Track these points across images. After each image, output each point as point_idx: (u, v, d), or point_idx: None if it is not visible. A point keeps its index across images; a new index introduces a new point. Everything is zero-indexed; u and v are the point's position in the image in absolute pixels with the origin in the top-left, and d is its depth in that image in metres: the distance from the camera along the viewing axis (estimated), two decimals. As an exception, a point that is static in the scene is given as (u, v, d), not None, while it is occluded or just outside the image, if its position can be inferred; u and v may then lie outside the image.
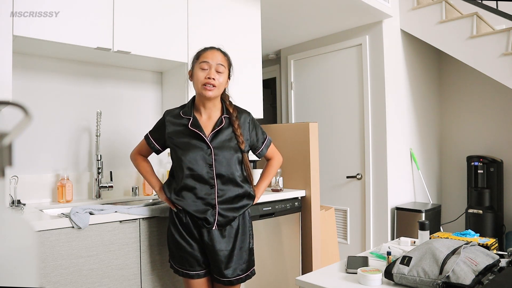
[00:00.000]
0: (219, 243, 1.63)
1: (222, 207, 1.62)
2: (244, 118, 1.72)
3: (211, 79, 1.60)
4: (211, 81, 1.60)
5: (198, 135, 1.63)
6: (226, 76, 1.67)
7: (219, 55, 1.65)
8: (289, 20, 3.28)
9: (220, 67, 1.63)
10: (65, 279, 1.58)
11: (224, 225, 1.64)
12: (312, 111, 3.78)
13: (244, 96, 2.45)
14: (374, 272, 1.27)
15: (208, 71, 1.61)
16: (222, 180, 1.63)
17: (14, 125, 0.45)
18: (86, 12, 1.92)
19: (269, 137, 1.84)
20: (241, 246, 1.67)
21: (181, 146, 1.64)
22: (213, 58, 1.63)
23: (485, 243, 1.56)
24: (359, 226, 3.42)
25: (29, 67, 2.09)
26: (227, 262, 1.63)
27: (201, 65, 1.63)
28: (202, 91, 1.61)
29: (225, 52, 1.70)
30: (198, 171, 1.60)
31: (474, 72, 3.23)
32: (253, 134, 1.75)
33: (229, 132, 1.67)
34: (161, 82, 2.62)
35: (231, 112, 1.69)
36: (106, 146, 2.32)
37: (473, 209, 3.28)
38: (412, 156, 3.51)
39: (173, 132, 1.67)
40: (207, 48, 1.68)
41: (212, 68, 1.62)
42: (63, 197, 2.06)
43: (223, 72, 1.64)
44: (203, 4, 2.41)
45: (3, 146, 0.43)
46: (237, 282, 1.66)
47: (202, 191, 1.61)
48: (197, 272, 1.67)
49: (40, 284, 0.41)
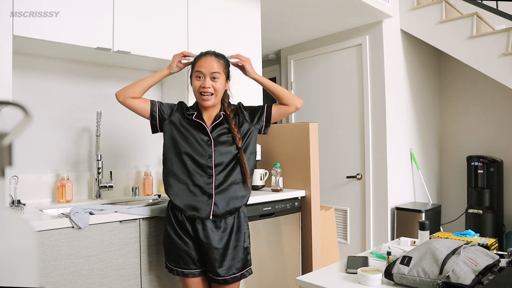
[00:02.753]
0: (214, 240, 1.64)
1: (219, 197, 1.65)
2: (242, 117, 1.76)
3: (206, 88, 1.64)
4: (206, 89, 1.64)
5: (201, 126, 1.69)
6: (223, 80, 1.69)
7: (212, 61, 1.66)
8: (289, 20, 3.28)
9: (215, 74, 1.65)
10: (65, 279, 1.58)
11: (220, 216, 1.65)
12: (312, 111, 3.78)
13: (244, 96, 2.45)
14: (374, 272, 1.27)
15: (203, 80, 1.65)
16: (219, 170, 1.66)
17: (14, 125, 0.45)
18: (86, 12, 1.92)
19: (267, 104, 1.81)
20: (236, 245, 1.68)
21: (184, 133, 1.69)
22: (206, 67, 1.65)
23: (485, 243, 1.56)
24: (359, 226, 3.42)
25: (29, 67, 2.09)
26: (221, 260, 1.64)
27: (196, 74, 1.67)
28: (200, 101, 1.68)
29: (219, 55, 1.70)
30: (198, 160, 1.65)
31: (474, 72, 3.23)
32: (254, 119, 1.77)
33: (226, 126, 1.72)
34: (161, 82, 2.62)
35: (227, 113, 1.73)
36: (106, 146, 2.32)
37: (473, 209, 3.28)
38: (412, 156, 3.51)
39: (177, 120, 1.73)
40: (201, 55, 1.70)
41: (206, 77, 1.65)
42: (63, 197, 2.06)
43: (218, 77, 1.66)
44: (203, 4, 2.41)
45: (3, 146, 0.43)
46: (232, 280, 1.66)
47: (200, 180, 1.64)
48: (191, 271, 1.67)
49: (40, 284, 0.41)
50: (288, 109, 1.81)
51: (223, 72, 1.69)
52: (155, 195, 2.39)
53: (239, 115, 1.76)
